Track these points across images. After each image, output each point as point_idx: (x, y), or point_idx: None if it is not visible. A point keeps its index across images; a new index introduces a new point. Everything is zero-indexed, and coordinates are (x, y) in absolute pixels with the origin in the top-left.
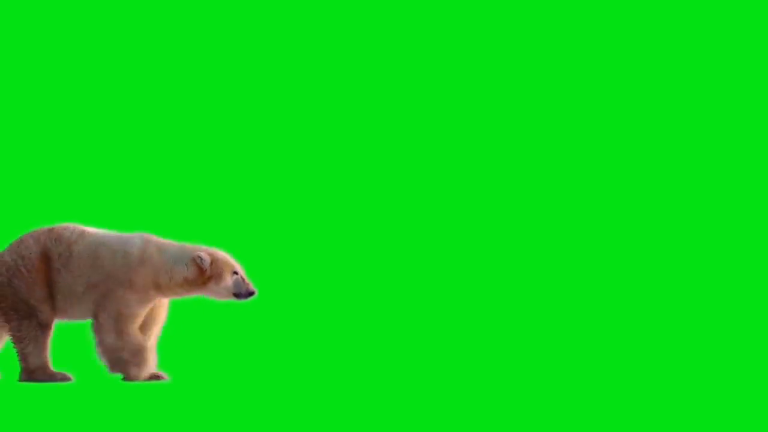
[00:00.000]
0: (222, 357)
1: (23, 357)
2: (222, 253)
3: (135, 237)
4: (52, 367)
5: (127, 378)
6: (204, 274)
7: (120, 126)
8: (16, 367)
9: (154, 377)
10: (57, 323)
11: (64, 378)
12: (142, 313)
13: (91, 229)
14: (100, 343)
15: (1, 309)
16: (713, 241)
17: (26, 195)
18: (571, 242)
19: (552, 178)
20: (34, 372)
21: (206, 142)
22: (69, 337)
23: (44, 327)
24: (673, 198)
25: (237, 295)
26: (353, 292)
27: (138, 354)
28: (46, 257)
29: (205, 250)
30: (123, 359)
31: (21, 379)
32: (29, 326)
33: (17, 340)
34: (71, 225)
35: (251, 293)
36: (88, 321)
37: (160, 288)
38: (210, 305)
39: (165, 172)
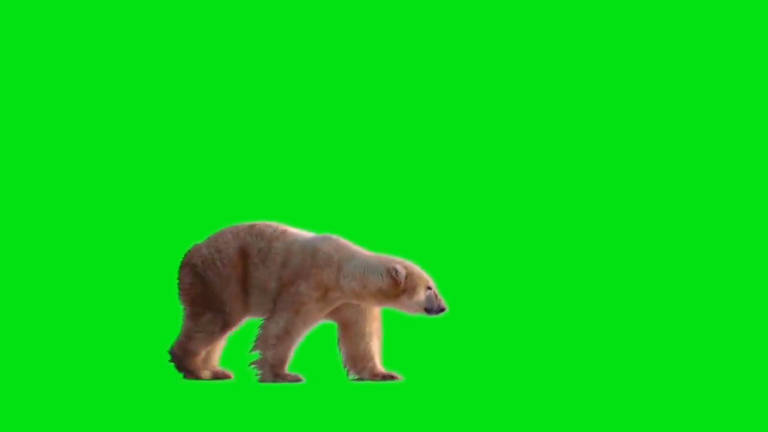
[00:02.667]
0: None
1: (185, 340)
2: (417, 267)
3: (327, 238)
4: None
5: (255, 364)
6: (398, 287)
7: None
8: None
9: (389, 377)
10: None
11: (199, 376)
12: (317, 315)
13: (291, 229)
14: (266, 324)
15: (189, 297)
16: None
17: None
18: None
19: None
20: (186, 356)
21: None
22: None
23: (226, 325)
24: (678, 197)
25: (428, 311)
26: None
27: (281, 364)
28: (244, 253)
29: (401, 263)
30: (265, 354)
31: (171, 350)
32: (212, 320)
33: (193, 323)
34: (273, 223)
35: (443, 309)
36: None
37: (345, 293)
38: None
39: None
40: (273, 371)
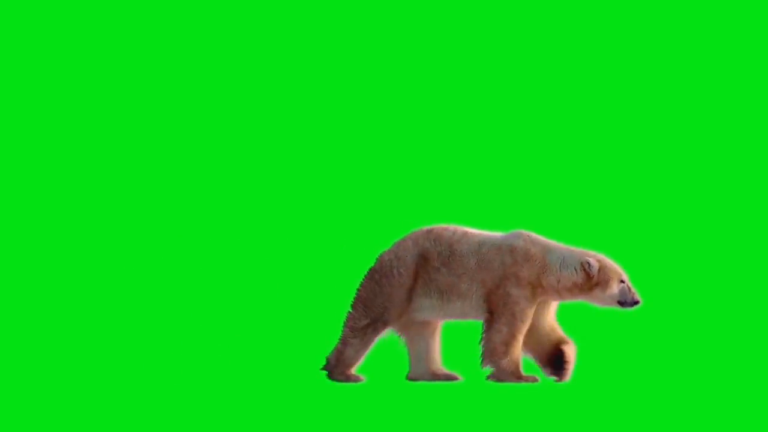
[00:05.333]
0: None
1: (342, 347)
2: (610, 261)
3: (518, 234)
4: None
5: (493, 377)
6: (591, 280)
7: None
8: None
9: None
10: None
11: (356, 379)
12: (531, 312)
13: (472, 230)
14: (489, 336)
15: (357, 300)
16: None
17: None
18: None
19: None
20: (336, 367)
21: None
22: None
23: (379, 330)
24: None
25: (622, 303)
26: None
27: (516, 367)
28: (423, 259)
29: (594, 256)
30: (500, 364)
31: (324, 367)
32: (368, 326)
33: (349, 329)
34: (451, 226)
35: (636, 302)
36: (463, 321)
37: (544, 288)
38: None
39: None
40: (515, 376)
